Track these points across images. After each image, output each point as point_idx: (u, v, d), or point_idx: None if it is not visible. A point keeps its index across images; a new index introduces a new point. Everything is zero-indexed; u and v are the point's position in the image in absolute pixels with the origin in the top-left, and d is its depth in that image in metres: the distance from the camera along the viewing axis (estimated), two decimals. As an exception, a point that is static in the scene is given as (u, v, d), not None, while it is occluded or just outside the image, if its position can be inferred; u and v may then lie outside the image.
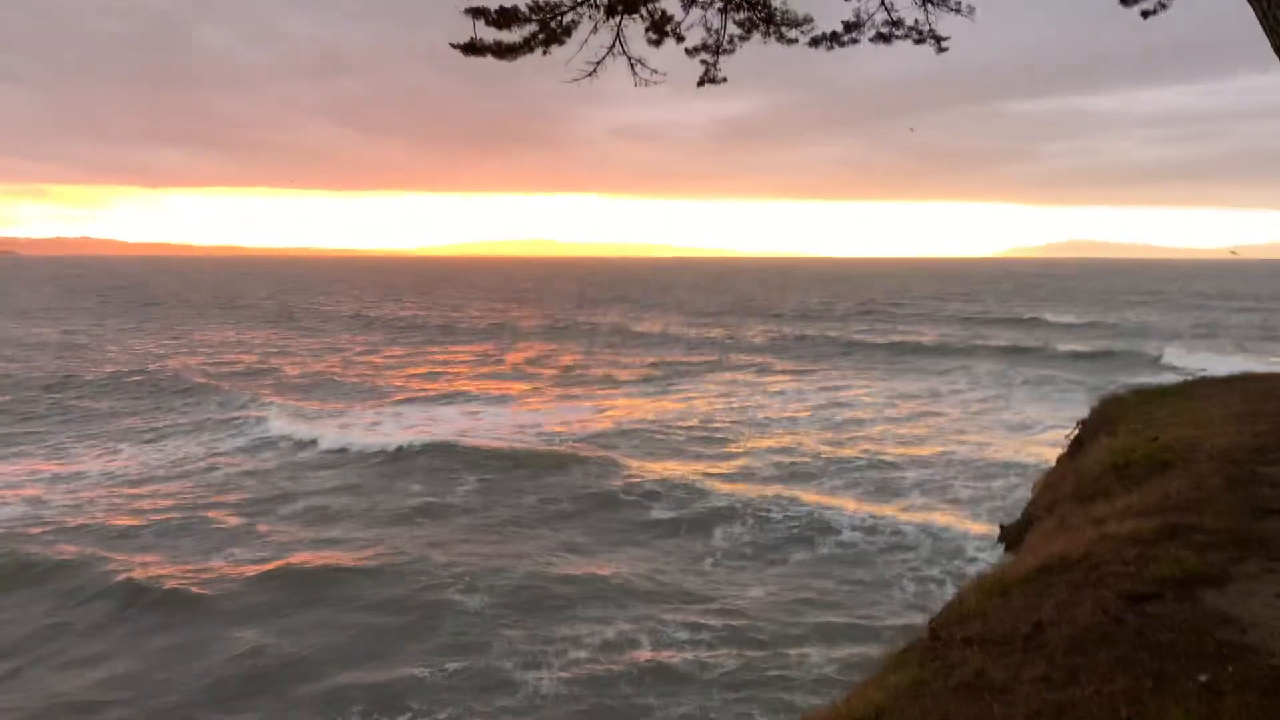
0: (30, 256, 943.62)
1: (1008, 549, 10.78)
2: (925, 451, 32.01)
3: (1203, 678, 4.49)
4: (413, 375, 56.04)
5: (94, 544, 23.06)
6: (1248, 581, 5.83)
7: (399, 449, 32.59)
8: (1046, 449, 31.69)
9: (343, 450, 33.12)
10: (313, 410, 42.24)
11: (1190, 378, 17.18)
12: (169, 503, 26.96)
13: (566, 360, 62.68)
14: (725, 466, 30.46)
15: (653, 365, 58.60)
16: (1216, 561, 6.14)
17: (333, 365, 61.15)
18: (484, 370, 58.54)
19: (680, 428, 36.68)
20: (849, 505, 25.45)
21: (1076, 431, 14.43)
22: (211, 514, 25.59)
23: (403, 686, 15.68)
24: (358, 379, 54.20)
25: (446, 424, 38.80)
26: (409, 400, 46.21)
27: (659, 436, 35.38)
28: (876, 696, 4.86)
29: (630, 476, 28.50)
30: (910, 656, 5.36)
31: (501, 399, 46.34)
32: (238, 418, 40.01)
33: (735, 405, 42.97)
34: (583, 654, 16.74)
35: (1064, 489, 9.93)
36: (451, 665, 16.30)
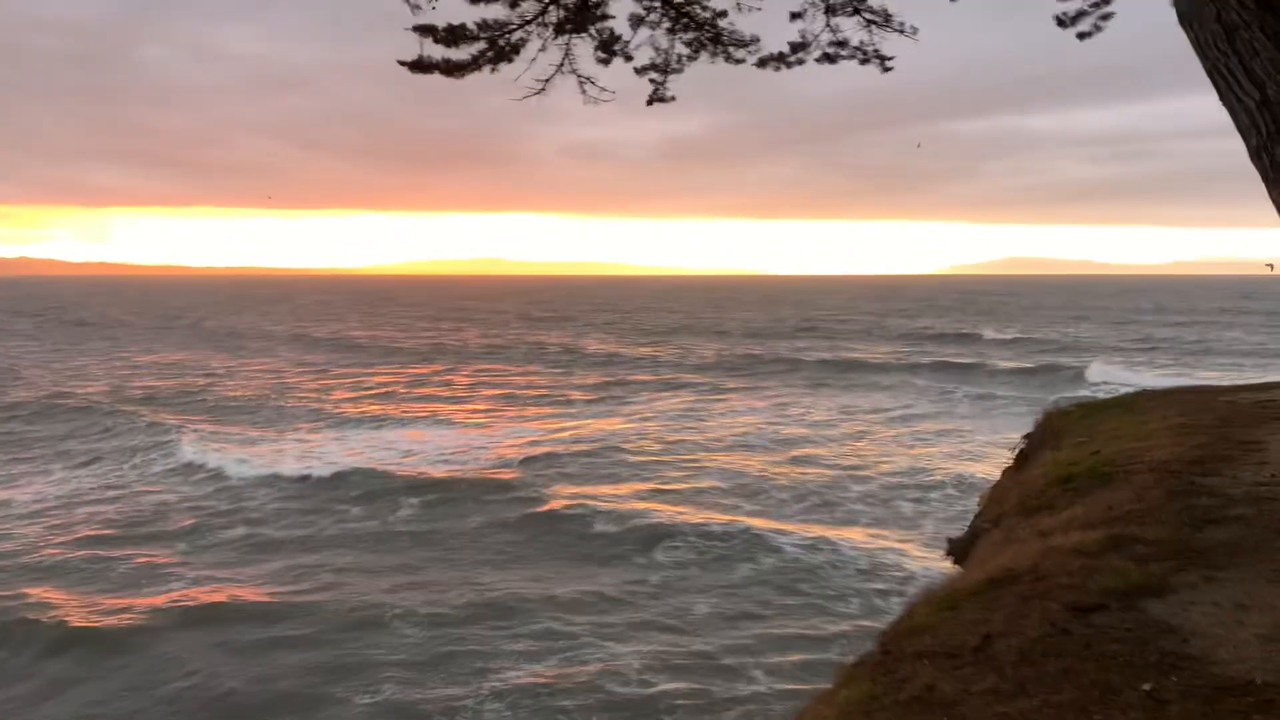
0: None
1: (956, 562, 10.88)
2: (868, 469, 32.20)
3: (1147, 687, 4.56)
4: (352, 397, 55.04)
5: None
6: (1188, 591, 5.94)
7: (334, 475, 31.68)
8: (985, 464, 32.25)
9: (272, 477, 32.01)
10: (238, 435, 41.07)
11: (1132, 390, 17.52)
12: (80, 535, 25.58)
13: (514, 381, 62.24)
14: (670, 486, 30.30)
15: (599, 385, 58.43)
16: (1158, 572, 6.25)
17: (267, 388, 59.86)
18: (427, 392, 57.76)
19: (627, 448, 36.53)
20: (791, 524, 25.40)
21: (1022, 445, 14.64)
22: (125, 549, 24.22)
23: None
24: (294, 402, 53.10)
25: (385, 448, 38.03)
26: (347, 423, 45.34)
27: (604, 457, 35.14)
28: (827, 713, 4.87)
29: (573, 499, 28.12)
30: (861, 671, 5.37)
31: (445, 421, 45.69)
32: (159, 444, 38.42)
33: (682, 424, 42.96)
34: (524, 677, 16.52)
35: (1010, 502, 10.05)
36: (387, 695, 15.92)
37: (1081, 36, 9.48)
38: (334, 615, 19.52)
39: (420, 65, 8.77)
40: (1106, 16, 9.26)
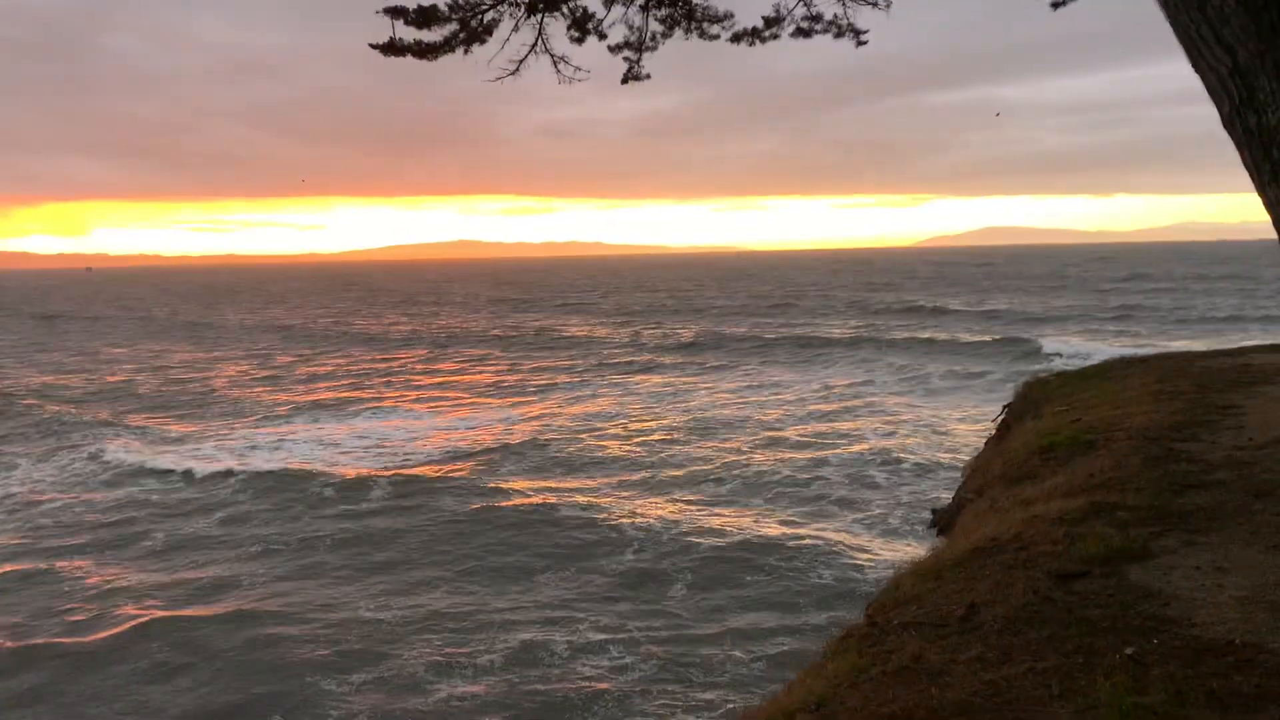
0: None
1: (940, 533, 10.98)
2: (841, 447, 31.76)
3: (1129, 651, 4.63)
4: (317, 388, 52.88)
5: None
6: (1169, 556, 6.02)
7: (260, 473, 29.83)
8: (961, 436, 32.27)
9: (210, 477, 30.11)
10: (176, 433, 39.11)
11: (1111, 359, 17.61)
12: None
13: (486, 366, 61.23)
14: (641, 475, 29.33)
15: (571, 369, 57.63)
16: (1139, 537, 6.34)
17: (220, 379, 57.33)
18: (395, 380, 56.12)
19: (601, 433, 35.90)
20: (769, 509, 24.94)
21: (1003, 415, 14.75)
22: (53, 562, 22.62)
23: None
24: (246, 395, 50.42)
25: (324, 443, 36.32)
26: (297, 414, 43.41)
27: (572, 444, 34.08)
28: (816, 685, 4.91)
29: (533, 494, 26.99)
30: (849, 644, 5.42)
31: (409, 412, 44.08)
32: (87, 445, 36.23)
33: (655, 407, 42.19)
34: (497, 659, 16.14)
35: (993, 472, 10.14)
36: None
37: (1055, 6, 9.49)
38: (264, 627, 18.00)
39: (392, 48, 8.68)
40: (1080, -15, 9.29)
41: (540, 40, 8.98)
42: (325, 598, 19.72)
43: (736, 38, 9.34)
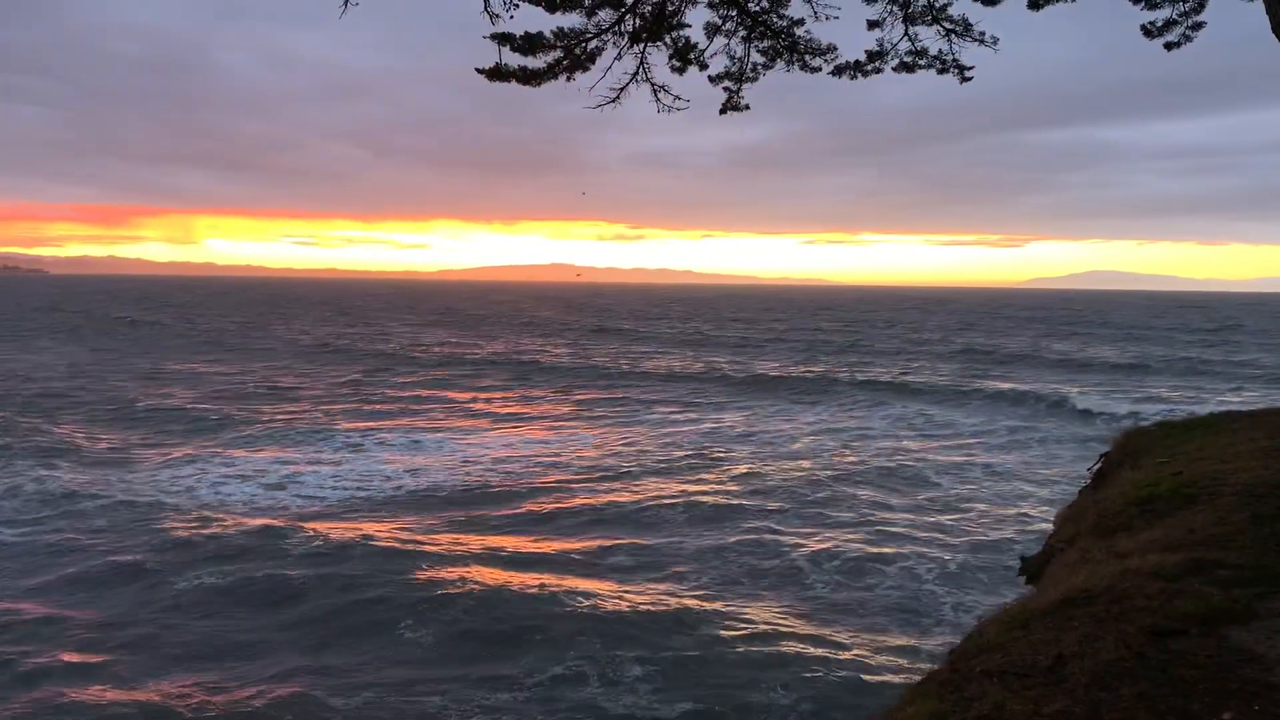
0: (58, 275, 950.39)
1: (1028, 581, 10.65)
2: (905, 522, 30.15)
3: (1227, 716, 4.42)
4: (327, 410, 50.07)
5: None
6: (1274, 619, 5.73)
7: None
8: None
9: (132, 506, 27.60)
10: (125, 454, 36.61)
11: (1218, 410, 16.94)
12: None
13: (542, 395, 58.92)
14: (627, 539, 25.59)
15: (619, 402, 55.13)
16: (1242, 598, 6.05)
17: (222, 396, 54.99)
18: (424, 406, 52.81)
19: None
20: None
21: (1099, 464, 14.29)
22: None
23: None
24: (253, 415, 47.49)
25: (277, 476, 33.51)
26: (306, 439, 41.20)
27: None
28: (894, 729, 4.80)
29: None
30: (928, 688, 5.29)
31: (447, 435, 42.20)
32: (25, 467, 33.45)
33: (699, 453, 38.81)
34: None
35: (1085, 522, 9.81)
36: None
37: (1169, 47, 9.27)
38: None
39: (498, 73, 8.89)
40: (1197, 26, 9.05)
41: (642, 69, 9.10)
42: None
43: (838, 71, 9.32)
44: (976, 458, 37.17)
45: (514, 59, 8.81)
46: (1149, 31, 9.07)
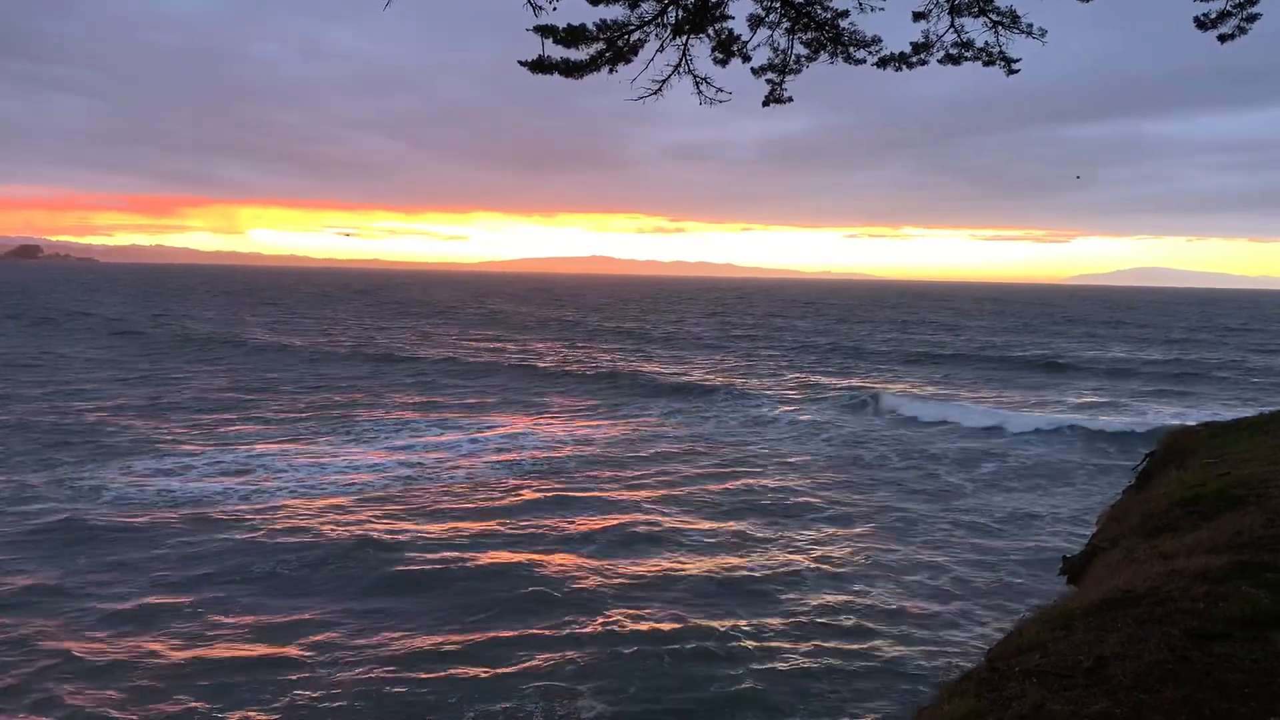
0: (107, 264, 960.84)
1: (1070, 581, 10.53)
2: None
3: (1273, 721, 4.35)
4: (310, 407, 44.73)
5: None
6: (1323, 624, 5.63)
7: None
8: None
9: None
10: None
11: (1266, 411, 16.63)
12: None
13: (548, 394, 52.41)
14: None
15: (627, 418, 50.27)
16: (1290, 602, 5.94)
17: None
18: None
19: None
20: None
21: (1144, 464, 14.10)
22: None
23: None
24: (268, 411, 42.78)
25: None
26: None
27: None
28: (931, 726, 4.78)
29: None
30: (967, 687, 5.26)
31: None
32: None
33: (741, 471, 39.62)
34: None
35: (1129, 522, 9.69)
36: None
37: (1223, 39, 9.09)
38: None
39: (540, 65, 8.91)
40: (1252, 18, 8.86)
41: (684, 61, 9.08)
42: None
43: (883, 63, 9.23)
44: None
45: (557, 51, 8.83)
46: (1202, 24, 8.90)
